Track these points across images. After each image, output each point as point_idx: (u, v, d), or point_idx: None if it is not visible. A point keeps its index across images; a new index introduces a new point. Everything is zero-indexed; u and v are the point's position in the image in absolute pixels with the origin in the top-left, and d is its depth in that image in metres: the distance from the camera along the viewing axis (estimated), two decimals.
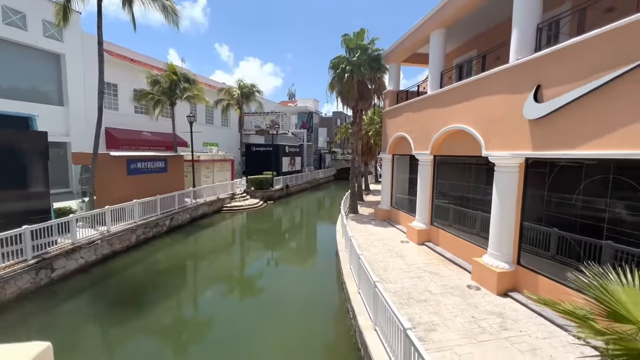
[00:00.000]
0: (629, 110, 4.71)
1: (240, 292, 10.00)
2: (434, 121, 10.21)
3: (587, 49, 5.36)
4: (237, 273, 11.80)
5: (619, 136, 4.85)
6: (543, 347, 5.09)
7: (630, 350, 2.02)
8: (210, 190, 20.34)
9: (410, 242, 11.13)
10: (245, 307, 8.85)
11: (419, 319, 6.02)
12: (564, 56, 5.80)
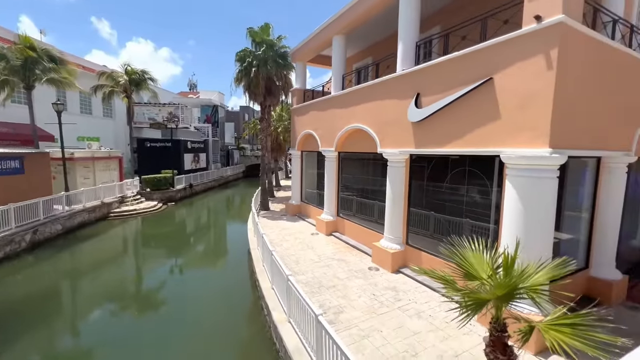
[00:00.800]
0: (473, 118, 6.10)
1: (138, 308, 8.78)
2: (337, 120, 11.02)
3: (447, 68, 6.68)
4: (132, 287, 10.30)
5: (469, 138, 6.25)
6: (425, 309, 6.20)
7: (476, 300, 2.73)
8: (92, 194, 17.01)
9: (319, 233, 11.80)
10: (146, 323, 7.84)
11: (329, 304, 6.50)
12: (433, 71, 7.09)
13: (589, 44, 5.28)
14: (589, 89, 5.41)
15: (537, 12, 5.00)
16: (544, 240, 5.08)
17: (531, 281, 2.78)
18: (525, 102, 5.18)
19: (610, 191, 6.60)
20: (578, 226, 6.93)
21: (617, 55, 5.85)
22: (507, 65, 5.50)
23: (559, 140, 4.94)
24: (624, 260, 8.28)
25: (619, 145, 6.30)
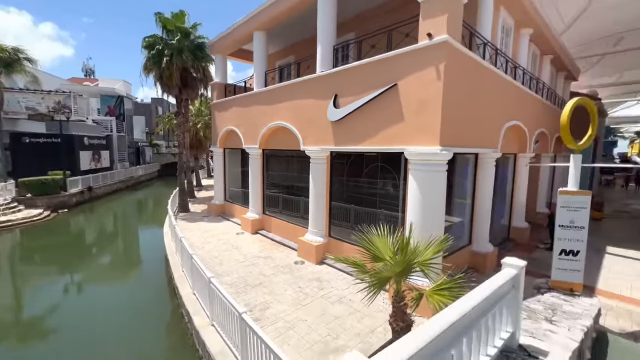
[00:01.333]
0: (383, 119, 6.83)
1: (21, 337, 7.22)
2: (261, 117, 10.91)
3: (361, 72, 7.30)
4: (8, 315, 8.38)
5: (380, 137, 6.97)
6: (346, 295, 6.72)
7: (380, 278, 3.15)
8: None
9: (245, 233, 11.55)
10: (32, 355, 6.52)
11: (255, 302, 6.48)
12: (349, 74, 7.65)
13: (467, 61, 6.45)
14: (467, 97, 6.60)
15: (429, 30, 5.87)
16: (438, 222, 6.06)
17: (422, 257, 3.34)
18: (422, 106, 6.05)
19: (484, 181, 8.19)
20: (464, 211, 8.42)
21: (486, 71, 7.28)
22: (408, 74, 6.32)
23: (446, 139, 5.93)
24: (495, 236, 10.40)
25: (489, 144, 7.86)
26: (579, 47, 18.60)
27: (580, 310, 3.70)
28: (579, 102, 5.42)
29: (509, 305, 1.71)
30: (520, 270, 1.69)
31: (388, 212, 7.71)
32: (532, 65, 12.39)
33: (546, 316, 2.71)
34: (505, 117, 8.49)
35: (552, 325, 2.40)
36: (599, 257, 9.43)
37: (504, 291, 1.63)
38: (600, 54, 19.52)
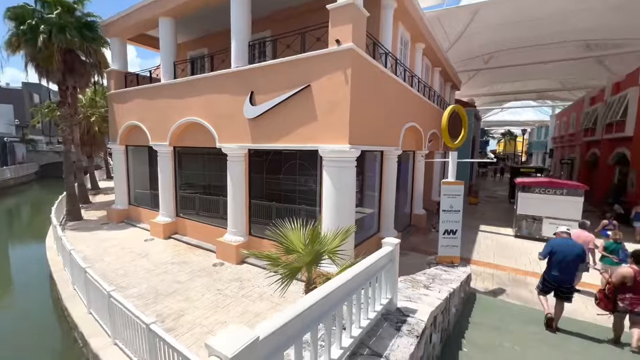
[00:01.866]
0: (299, 118, 7.11)
1: None
2: (171, 111, 10.02)
3: (277, 71, 7.43)
4: None
5: (296, 135, 7.23)
6: (267, 291, 6.80)
7: (292, 269, 3.36)
8: None
9: (156, 239, 10.49)
10: None
11: (168, 311, 6.02)
12: (265, 72, 7.68)
13: (371, 67, 7.19)
14: (372, 100, 7.38)
15: (337, 37, 6.35)
16: (348, 214, 6.65)
17: (331, 246, 3.68)
18: (332, 107, 6.52)
19: (388, 175, 9.27)
20: (373, 202, 9.39)
21: (388, 78, 8.24)
22: (320, 76, 6.71)
23: (355, 138, 6.54)
24: (400, 222, 11.89)
25: (392, 142, 8.93)
26: (461, 62, 22.46)
27: (453, 277, 4.63)
28: (454, 109, 6.66)
29: (387, 275, 2.09)
30: (395, 247, 2.09)
31: (307, 207, 8.05)
32: (425, 75, 14.46)
33: (426, 284, 3.34)
34: (404, 119, 9.75)
35: (428, 290, 2.99)
36: (474, 234, 11.69)
37: (382, 264, 1.99)
38: (476, 69, 23.87)
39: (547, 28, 17.04)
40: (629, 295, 4.17)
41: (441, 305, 2.69)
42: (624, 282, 4.17)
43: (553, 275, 4.78)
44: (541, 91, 31.76)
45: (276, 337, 1.23)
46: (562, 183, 10.83)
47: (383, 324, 1.98)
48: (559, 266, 4.71)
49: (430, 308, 2.31)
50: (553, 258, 4.81)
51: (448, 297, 3.08)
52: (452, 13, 16.12)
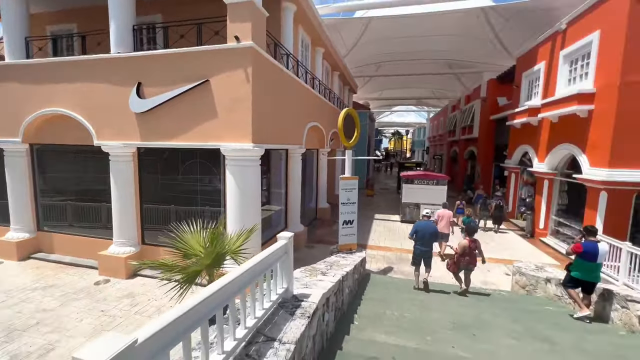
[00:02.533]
0: (197, 114, 6.70)
1: None
2: (24, 100, 7.96)
3: (171, 62, 6.79)
4: None
5: (195, 132, 6.79)
6: (165, 303, 6.22)
7: (191, 274, 3.23)
8: None
9: (6, 262, 8.22)
10: None
11: (28, 348, 4.88)
12: (156, 62, 6.91)
13: (273, 68, 7.32)
14: (275, 100, 7.53)
15: (236, 33, 6.23)
16: (254, 213, 6.67)
17: (234, 246, 3.68)
18: (234, 105, 6.38)
19: (293, 173, 9.64)
20: (280, 199, 9.61)
21: (290, 79, 8.53)
22: (220, 72, 6.46)
23: (258, 137, 6.57)
24: (307, 217, 12.50)
25: (295, 141, 9.30)
26: (357, 68, 24.86)
27: (348, 262, 5.24)
28: (348, 112, 7.41)
29: (282, 267, 2.27)
30: (288, 240, 2.29)
31: (212, 208, 7.66)
32: (326, 78, 15.48)
33: (324, 271, 3.71)
34: (307, 119, 10.26)
35: (324, 277, 3.34)
36: (370, 223, 13.24)
37: (276, 257, 2.15)
38: (369, 76, 26.75)
39: (418, 46, 20.46)
40: (466, 258, 5.96)
41: (334, 287, 3.05)
42: (464, 250, 5.91)
43: (418, 249, 6.27)
44: (418, 98, 37.92)
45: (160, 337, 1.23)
46: (433, 175, 13.31)
47: (279, 311, 2.15)
48: (422, 241, 6.21)
49: (322, 291, 2.61)
50: (417, 236, 6.26)
51: (341, 280, 3.50)
52: (347, 23, 17.69)
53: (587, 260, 4.80)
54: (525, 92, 13.27)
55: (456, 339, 3.28)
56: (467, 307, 4.92)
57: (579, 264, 4.92)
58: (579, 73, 9.51)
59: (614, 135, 7.87)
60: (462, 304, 5.21)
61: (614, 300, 4.58)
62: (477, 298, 5.78)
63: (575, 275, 4.94)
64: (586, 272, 4.82)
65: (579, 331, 3.99)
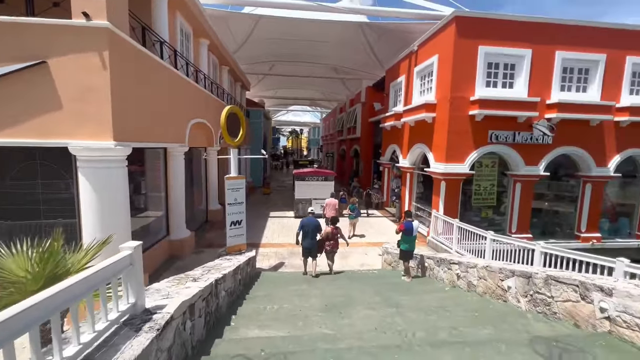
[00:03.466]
0: (33, 104, 5.32)
1: None
2: None
3: None
4: None
5: (29, 126, 5.37)
6: None
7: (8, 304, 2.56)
8: None
9: None
10: None
11: None
12: None
13: (142, 56, 6.43)
14: (146, 92, 6.66)
15: (85, 9, 5.20)
16: (121, 222, 5.78)
17: (79, 265, 3.09)
18: (86, 95, 5.34)
19: (175, 173, 8.78)
20: (160, 204, 8.60)
21: (166, 70, 7.68)
22: (63, 54, 5.28)
23: (122, 134, 5.70)
24: (196, 220, 11.61)
25: (175, 139, 8.47)
26: (250, 65, 24.39)
27: (232, 263, 5.15)
28: (231, 110, 7.21)
29: (128, 280, 2.06)
30: (134, 249, 2.08)
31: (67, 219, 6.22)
32: (213, 72, 14.61)
33: (196, 277, 3.53)
34: (190, 115, 9.47)
35: (194, 282, 3.18)
36: (264, 221, 13.29)
37: (115, 270, 1.93)
38: (263, 74, 26.59)
39: (307, 50, 21.59)
40: (331, 242, 7.20)
41: (202, 292, 2.94)
42: (327, 236, 7.16)
43: (306, 242, 6.99)
44: (312, 99, 40.06)
45: None
46: (321, 172, 14.34)
47: (122, 330, 1.94)
48: (306, 236, 6.97)
49: (183, 299, 2.48)
50: (303, 231, 6.99)
51: (214, 284, 3.41)
52: (236, 17, 17.09)
53: (408, 235, 6.59)
54: (393, 100, 15.72)
55: (326, 320, 3.66)
56: (342, 288, 5.55)
57: (404, 239, 6.67)
58: (427, 87, 11.88)
59: (448, 137, 10.18)
60: (338, 286, 5.84)
61: (442, 264, 5.98)
62: (352, 278, 6.59)
63: (404, 247, 6.65)
64: (409, 244, 6.66)
65: (419, 293, 5.07)
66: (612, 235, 11.65)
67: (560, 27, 10.05)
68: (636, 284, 2.96)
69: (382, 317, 3.73)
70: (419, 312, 3.90)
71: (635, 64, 10.45)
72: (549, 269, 4.14)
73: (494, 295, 4.52)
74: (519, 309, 3.97)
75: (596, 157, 10.73)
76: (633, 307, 2.74)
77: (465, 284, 5.24)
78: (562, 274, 3.53)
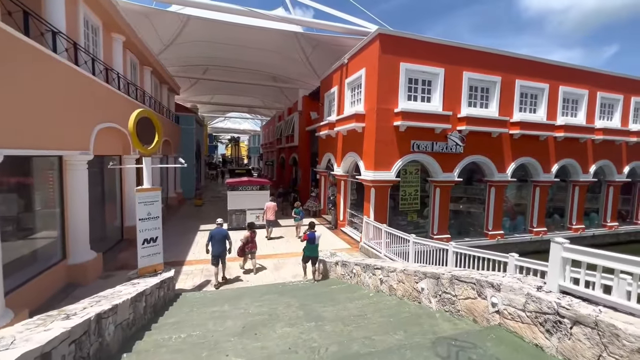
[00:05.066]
0: None
1: None
2: None
3: None
4: None
5: None
6: None
7: None
8: None
9: None
10: None
11: None
12: None
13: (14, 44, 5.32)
14: (23, 91, 5.53)
15: None
16: None
17: None
18: None
19: (75, 186, 7.48)
20: (53, 223, 7.22)
21: (60, 66, 6.53)
22: None
23: None
24: (108, 239, 10.10)
25: (74, 145, 7.25)
26: (181, 68, 22.72)
27: (132, 290, 4.46)
28: (143, 114, 6.45)
29: None
30: None
31: None
32: (132, 72, 13.15)
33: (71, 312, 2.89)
34: (96, 118, 8.25)
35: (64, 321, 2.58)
36: (194, 235, 12.24)
37: None
38: (196, 78, 25.03)
39: (243, 56, 21.06)
40: (249, 245, 8.42)
41: (68, 333, 2.39)
42: (247, 239, 8.37)
43: (214, 250, 7.64)
44: (250, 106, 39.15)
45: None
46: (255, 181, 13.86)
47: None
48: (216, 244, 7.64)
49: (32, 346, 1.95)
50: (213, 240, 7.67)
51: (94, 319, 2.83)
52: (161, 15, 15.76)
53: (310, 244, 7.77)
54: (327, 109, 16.10)
55: (237, 345, 3.33)
56: (268, 304, 5.24)
57: (307, 247, 7.85)
58: (357, 98, 12.41)
59: (376, 146, 10.71)
60: (265, 302, 5.51)
61: (368, 270, 6.11)
62: (282, 292, 6.32)
63: (306, 253, 7.91)
64: (310, 251, 7.85)
65: (344, 302, 5.04)
66: (512, 232, 13.53)
67: (467, 51, 11.48)
68: (518, 279, 3.31)
69: (299, 333, 3.54)
70: (337, 323, 3.82)
71: (522, 86, 12.46)
72: (455, 268, 4.48)
73: (410, 297, 4.71)
74: (430, 309, 4.18)
75: (497, 164, 12.39)
76: (515, 300, 3.03)
77: (387, 288, 5.39)
78: (463, 273, 3.81)
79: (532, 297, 2.89)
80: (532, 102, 12.98)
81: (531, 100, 12.94)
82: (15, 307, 5.29)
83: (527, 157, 12.94)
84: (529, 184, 13.84)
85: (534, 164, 13.16)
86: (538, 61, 12.68)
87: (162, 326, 4.26)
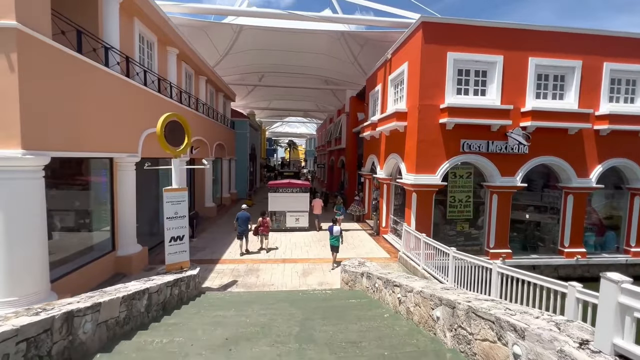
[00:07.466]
0: None
1: None
2: None
3: None
4: None
5: None
6: None
7: None
8: None
9: None
10: None
11: None
12: None
13: (68, 60, 6.04)
14: (78, 100, 6.25)
15: None
16: (36, 239, 5.27)
17: None
18: None
19: (124, 185, 8.29)
20: (106, 218, 8.10)
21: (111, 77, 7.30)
22: None
23: (35, 141, 5.24)
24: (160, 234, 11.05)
25: (124, 148, 8.03)
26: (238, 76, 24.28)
27: (146, 285, 4.59)
28: (170, 118, 6.78)
29: None
30: None
31: None
32: (187, 82, 14.34)
33: (39, 309, 2.98)
34: (145, 124, 9.05)
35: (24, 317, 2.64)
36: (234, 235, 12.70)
37: None
38: (252, 85, 26.48)
39: (295, 61, 21.44)
40: (261, 228, 10.63)
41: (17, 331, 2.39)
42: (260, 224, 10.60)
43: (240, 228, 10.10)
44: (305, 110, 39.96)
45: None
46: (295, 184, 13.80)
47: None
48: (241, 224, 10.10)
49: None
50: (239, 221, 10.12)
51: (62, 316, 2.85)
52: (216, 27, 16.98)
53: (330, 235, 9.29)
54: (372, 109, 15.32)
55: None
56: (271, 313, 4.93)
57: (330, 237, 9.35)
58: (400, 95, 11.46)
59: (418, 146, 9.67)
60: (269, 310, 5.21)
61: (388, 286, 5.36)
62: (295, 301, 5.95)
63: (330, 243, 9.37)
64: (332, 241, 9.27)
65: (351, 321, 4.43)
66: (599, 250, 10.93)
67: (533, 33, 9.66)
68: (557, 324, 2.37)
69: (275, 356, 3.13)
70: (324, 349, 3.29)
71: (613, 71, 9.99)
72: (480, 296, 3.53)
73: (426, 326, 3.90)
74: (444, 345, 3.36)
75: (577, 167, 10.13)
76: (544, 357, 2.14)
77: (404, 310, 4.62)
78: (482, 305, 2.93)
79: (567, 358, 1.99)
80: (628, 89, 10.33)
81: (627, 87, 10.30)
82: (61, 292, 5.96)
83: (620, 158, 10.32)
84: (625, 192, 11.05)
85: (631, 166, 10.44)
86: (636, 37, 10.05)
87: (160, 327, 4.27)
